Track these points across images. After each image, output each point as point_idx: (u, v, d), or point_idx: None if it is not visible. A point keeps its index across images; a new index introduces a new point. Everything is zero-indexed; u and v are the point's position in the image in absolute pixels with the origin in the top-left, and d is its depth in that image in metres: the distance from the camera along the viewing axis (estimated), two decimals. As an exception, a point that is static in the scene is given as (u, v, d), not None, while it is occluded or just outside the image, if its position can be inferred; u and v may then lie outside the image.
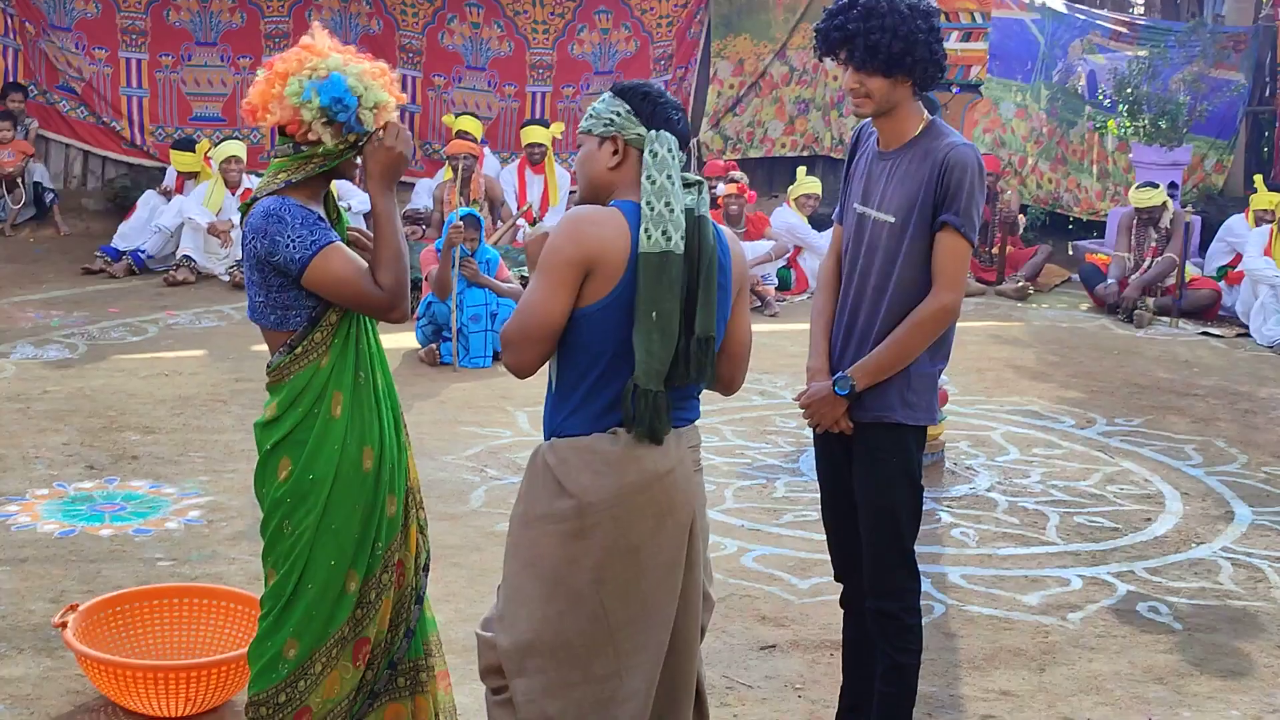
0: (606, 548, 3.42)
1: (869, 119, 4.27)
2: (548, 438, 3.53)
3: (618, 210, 3.45)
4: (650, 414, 3.39)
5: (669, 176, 3.41)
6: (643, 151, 3.47)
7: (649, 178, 3.41)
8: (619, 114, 3.49)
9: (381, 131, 3.76)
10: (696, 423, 3.63)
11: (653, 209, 3.38)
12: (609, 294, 3.39)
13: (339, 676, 3.83)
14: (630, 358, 3.39)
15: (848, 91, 4.24)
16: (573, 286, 3.39)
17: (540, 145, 12.99)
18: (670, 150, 3.44)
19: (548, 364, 3.52)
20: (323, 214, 3.80)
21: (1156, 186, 12.15)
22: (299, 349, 3.73)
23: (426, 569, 4.04)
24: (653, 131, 3.46)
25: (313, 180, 3.77)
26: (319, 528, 3.74)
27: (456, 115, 13.27)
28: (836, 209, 4.47)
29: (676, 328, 3.39)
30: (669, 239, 3.37)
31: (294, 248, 3.63)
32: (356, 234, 3.98)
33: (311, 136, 3.72)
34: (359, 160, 3.82)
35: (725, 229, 3.64)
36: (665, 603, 3.49)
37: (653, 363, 3.37)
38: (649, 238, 3.37)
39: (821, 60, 4.28)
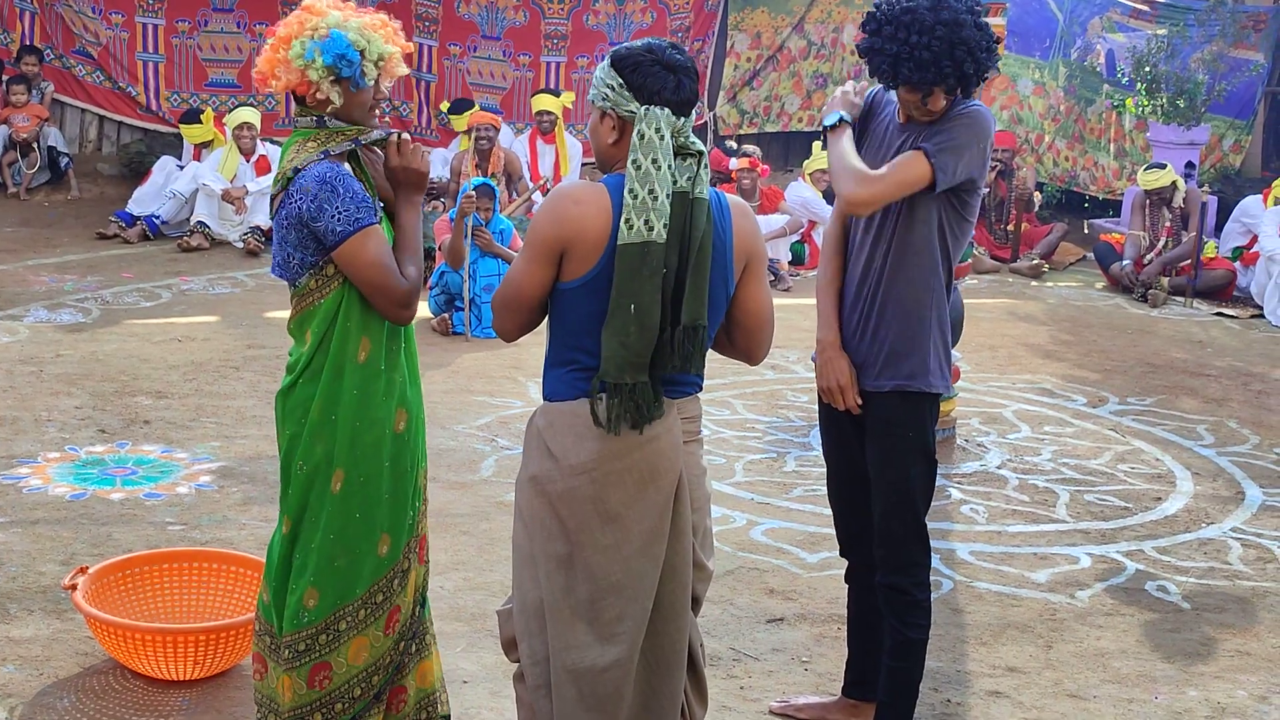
0: (587, 512, 3.41)
1: (882, 86, 4.24)
2: (544, 401, 3.55)
3: (604, 188, 3.39)
4: (630, 408, 3.36)
5: (654, 161, 3.32)
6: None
7: (634, 162, 3.33)
8: (613, 88, 3.40)
9: (398, 147, 3.80)
10: (700, 395, 3.57)
11: (636, 197, 3.31)
12: (587, 273, 3.37)
13: (367, 644, 3.82)
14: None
15: (921, 110, 4.15)
16: (548, 262, 3.40)
17: (550, 114, 12.94)
18: (659, 129, 3.34)
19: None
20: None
21: (1164, 168, 12.05)
22: (329, 269, 3.74)
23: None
24: (643, 109, 3.36)
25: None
26: (346, 479, 3.75)
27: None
28: None
29: (658, 318, 3.33)
30: (650, 228, 3.30)
31: (338, 220, 3.65)
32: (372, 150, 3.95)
33: (320, 96, 3.75)
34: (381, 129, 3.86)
35: (737, 200, 3.57)
36: (648, 571, 3.44)
37: (629, 355, 3.32)
38: (630, 227, 3.31)
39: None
